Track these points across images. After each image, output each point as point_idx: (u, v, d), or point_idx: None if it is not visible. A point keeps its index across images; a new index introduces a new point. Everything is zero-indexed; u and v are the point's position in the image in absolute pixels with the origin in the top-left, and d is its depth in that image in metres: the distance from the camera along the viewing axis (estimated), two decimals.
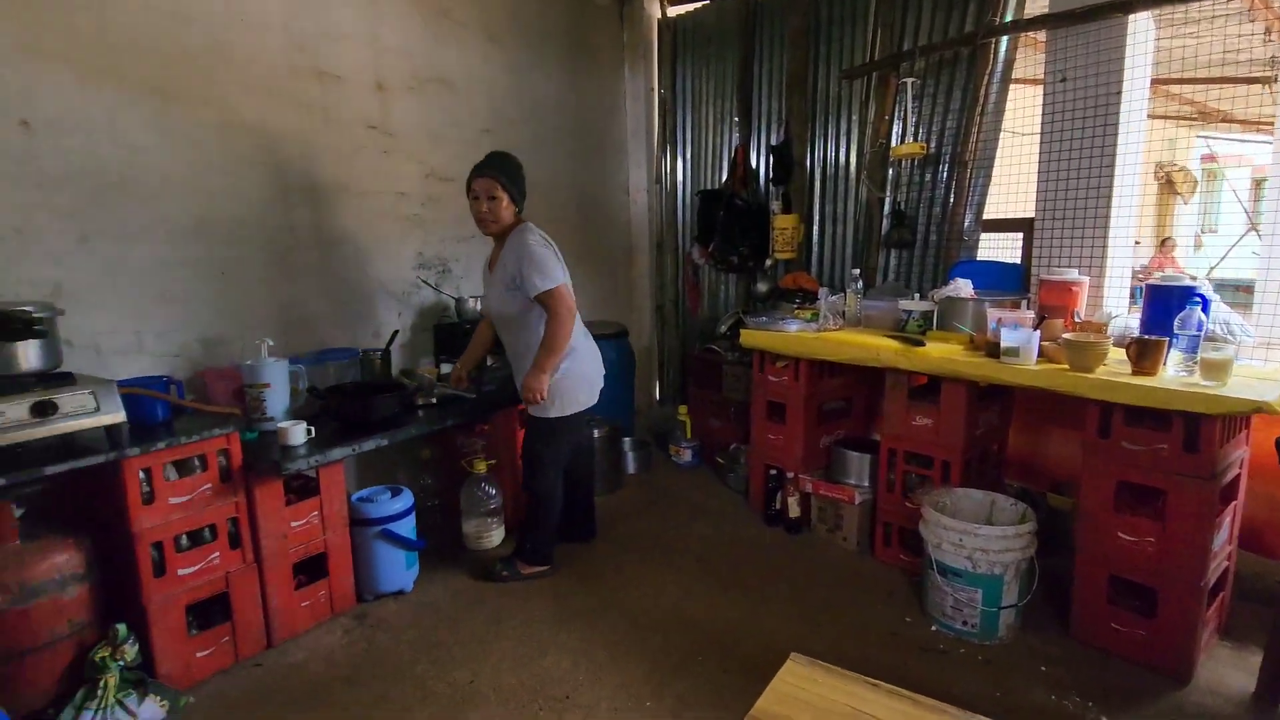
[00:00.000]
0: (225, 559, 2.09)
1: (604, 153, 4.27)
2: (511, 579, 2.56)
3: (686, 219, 4.23)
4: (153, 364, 2.35)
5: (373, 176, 2.98)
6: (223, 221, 2.50)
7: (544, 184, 3.80)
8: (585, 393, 2.45)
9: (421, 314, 3.23)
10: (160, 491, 1.95)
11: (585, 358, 2.45)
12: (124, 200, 2.25)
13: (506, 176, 2.34)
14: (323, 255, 2.82)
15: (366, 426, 2.36)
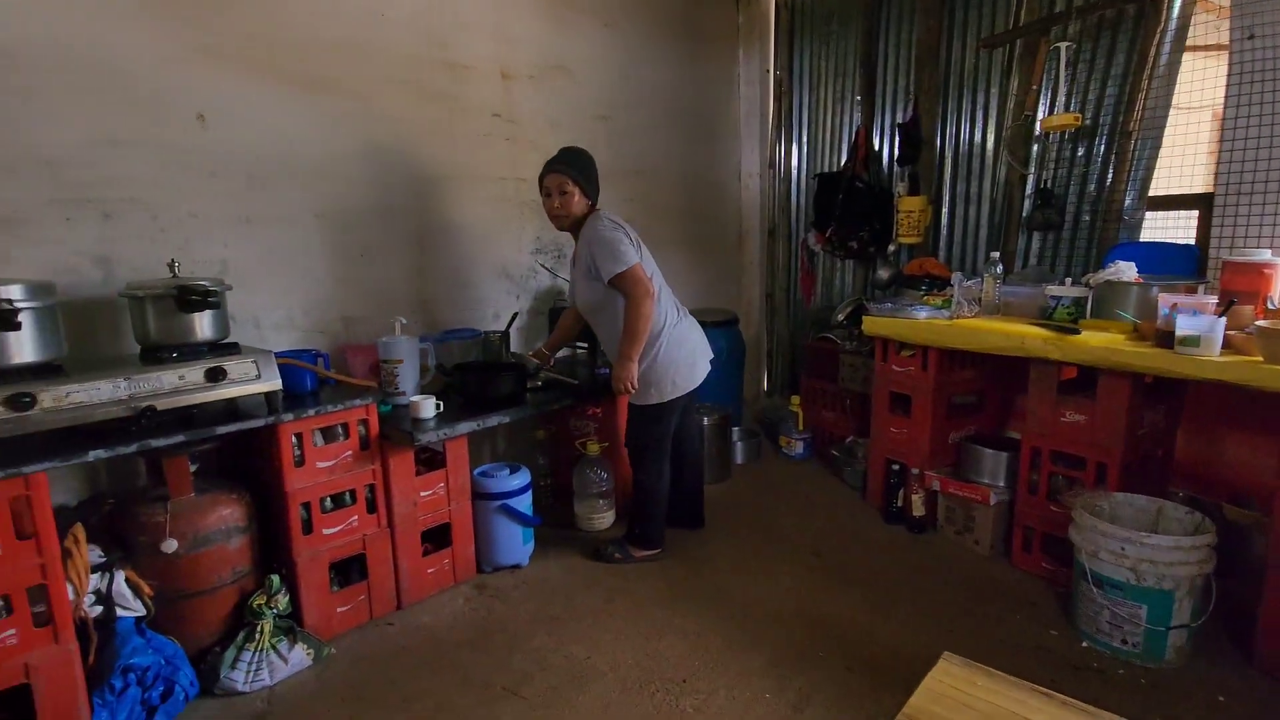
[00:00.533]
0: (363, 522, 2.22)
1: (716, 137, 4.22)
2: (624, 561, 2.58)
3: (801, 204, 4.15)
4: (302, 338, 2.53)
5: (496, 163, 3.07)
6: (362, 206, 2.65)
7: (655, 170, 3.79)
8: (683, 376, 2.41)
9: (537, 298, 3.31)
10: (309, 456, 2.09)
11: (680, 339, 2.41)
12: (279, 186, 2.43)
13: (576, 170, 2.35)
14: (449, 239, 2.94)
15: (489, 403, 2.43)
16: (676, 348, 2.40)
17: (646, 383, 2.39)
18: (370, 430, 2.20)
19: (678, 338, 2.42)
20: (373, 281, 2.70)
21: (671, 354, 2.39)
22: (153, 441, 1.79)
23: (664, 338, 2.38)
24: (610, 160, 3.54)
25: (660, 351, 2.38)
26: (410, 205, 2.79)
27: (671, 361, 2.39)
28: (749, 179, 4.37)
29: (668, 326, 2.39)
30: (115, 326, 2.13)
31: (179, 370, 1.86)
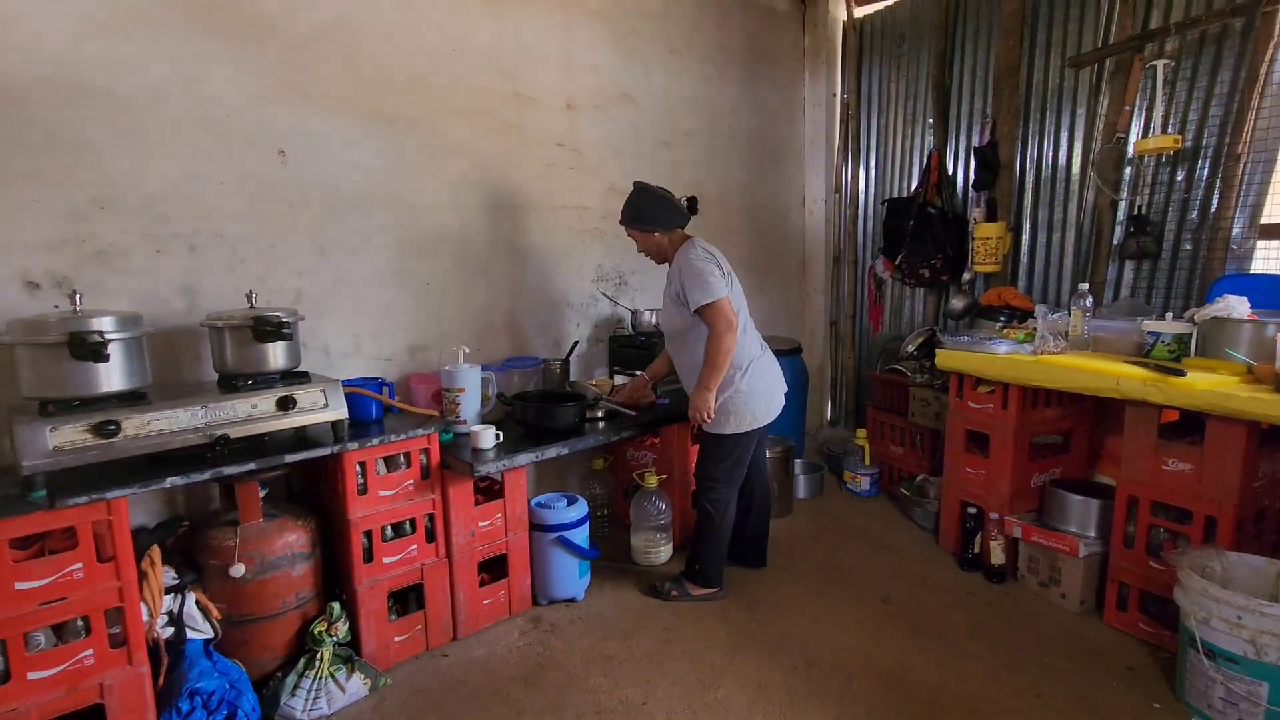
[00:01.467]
0: (421, 552, 2.22)
1: (780, 162, 4.18)
2: (681, 599, 2.53)
3: (869, 229, 4.08)
4: (367, 366, 2.58)
5: (560, 191, 3.10)
6: (428, 235, 2.70)
7: (717, 195, 3.77)
8: (761, 408, 2.39)
9: (597, 326, 3.31)
10: (372, 484, 2.11)
11: (761, 372, 2.41)
12: (351, 217, 2.50)
13: (629, 217, 2.43)
14: (512, 267, 2.97)
15: (549, 434, 2.42)
16: (759, 379, 2.39)
17: (725, 412, 2.38)
18: (431, 459, 2.21)
19: (760, 370, 2.41)
20: (437, 310, 2.74)
21: (754, 385, 2.38)
22: (225, 469, 1.84)
23: (749, 369, 2.36)
24: (672, 186, 3.52)
25: (743, 382, 2.36)
26: (475, 235, 2.83)
27: (753, 393, 2.38)
28: (814, 204, 4.31)
29: (752, 358, 2.38)
30: (197, 354, 2.21)
31: (252, 399, 1.91)
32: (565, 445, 2.36)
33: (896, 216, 3.61)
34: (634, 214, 2.44)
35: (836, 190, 4.18)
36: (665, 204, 2.43)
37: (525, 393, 2.62)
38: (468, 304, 2.83)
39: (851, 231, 4.13)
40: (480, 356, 2.86)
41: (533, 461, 2.29)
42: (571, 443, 2.38)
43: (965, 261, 3.41)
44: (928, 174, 3.56)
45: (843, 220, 4.17)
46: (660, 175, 3.49)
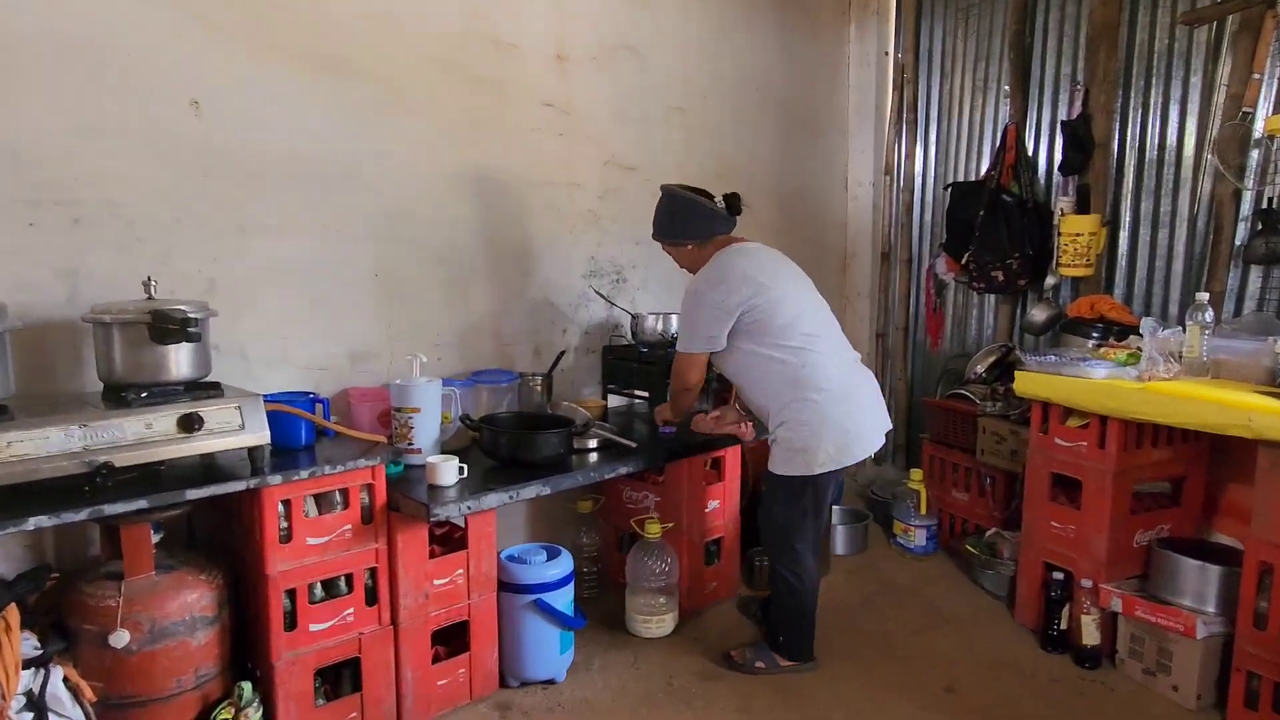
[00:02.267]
0: (360, 617, 2.15)
1: (819, 134, 4.17)
2: (768, 671, 2.53)
3: (928, 220, 4.09)
4: (297, 377, 2.51)
5: (546, 164, 3.06)
6: (379, 215, 2.65)
7: (740, 173, 3.75)
8: (843, 443, 2.36)
9: (588, 332, 3.27)
10: (299, 529, 2.04)
11: (846, 394, 2.39)
12: (283, 189, 2.44)
13: (661, 232, 2.57)
14: (484, 258, 2.93)
15: (525, 468, 2.38)
16: (838, 404, 2.36)
17: (791, 447, 2.37)
18: (375, 498, 2.16)
19: (843, 391, 2.39)
20: (387, 308, 2.69)
21: (830, 412, 2.34)
22: (107, 507, 1.76)
23: (822, 391, 2.35)
24: (684, 162, 3.51)
25: (813, 407, 2.34)
26: (438, 216, 2.79)
27: (828, 422, 2.34)
28: (858, 187, 4.31)
29: (825, 378, 2.36)
30: (77, 356, 2.14)
31: (146, 416, 1.84)
32: (546, 483, 2.32)
33: (963, 205, 3.59)
34: (662, 226, 2.56)
35: (887, 171, 4.17)
36: (695, 209, 2.49)
37: (496, 415, 2.59)
38: (426, 301, 2.78)
39: (905, 222, 4.12)
40: (441, 368, 2.81)
41: (505, 503, 2.25)
42: (554, 480, 2.34)
43: (1049, 262, 3.39)
44: (1002, 153, 3.53)
45: (895, 208, 4.16)
46: (672, 147, 3.47)
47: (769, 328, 2.35)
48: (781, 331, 2.35)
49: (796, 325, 2.37)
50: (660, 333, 3.10)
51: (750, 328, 2.36)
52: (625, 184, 3.31)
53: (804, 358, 2.36)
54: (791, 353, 2.35)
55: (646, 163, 3.38)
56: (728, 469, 2.97)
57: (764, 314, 2.34)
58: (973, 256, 3.50)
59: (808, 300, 2.45)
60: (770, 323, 2.35)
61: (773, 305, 2.35)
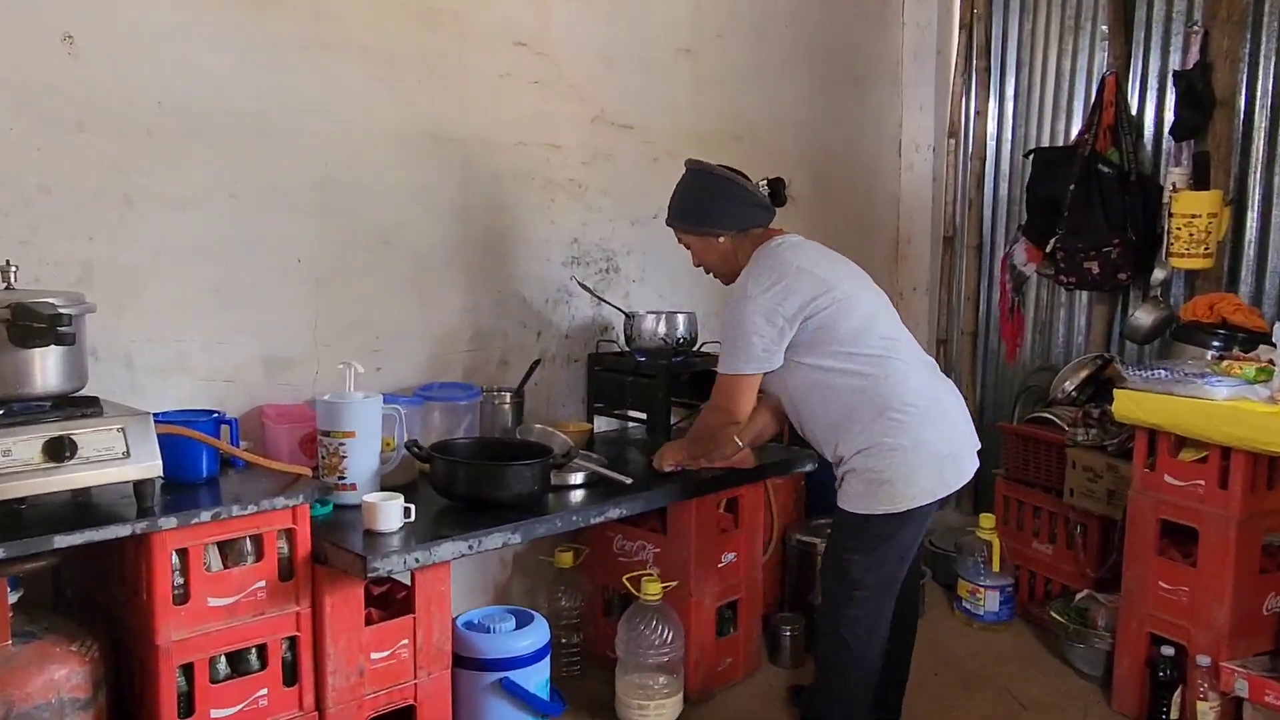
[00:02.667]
0: (275, 701, 2.13)
1: (865, 86, 4.18)
2: None
3: (1003, 196, 4.11)
4: (197, 391, 2.50)
5: (518, 119, 3.07)
6: (303, 184, 2.65)
7: (763, 134, 3.76)
8: (933, 469, 2.40)
9: (570, 336, 3.27)
10: (197, 587, 2.03)
11: (939, 414, 2.44)
12: (182, 150, 2.44)
13: (682, 216, 2.60)
14: (439, 240, 2.93)
15: (489, 509, 2.37)
16: (931, 421, 2.40)
17: (877, 478, 2.37)
18: (296, 547, 2.15)
19: (933, 404, 2.43)
20: (314, 302, 2.69)
21: (923, 432, 2.38)
22: None
23: (911, 406, 2.39)
24: (693, 120, 3.54)
25: (902, 427, 2.37)
26: (378, 185, 2.79)
27: (922, 444, 2.38)
28: (915, 154, 4.32)
29: (911, 390, 2.40)
30: None
31: (2, 441, 1.83)
32: (515, 529, 2.32)
33: (1048, 177, 3.61)
34: (687, 210, 2.57)
35: (952, 133, 4.19)
36: (734, 192, 2.52)
37: (453, 442, 2.59)
38: (364, 295, 2.79)
39: (975, 199, 4.12)
40: (382, 380, 2.81)
41: (462, 555, 2.25)
42: (525, 525, 2.34)
43: (1157, 251, 3.41)
44: (1099, 112, 3.56)
45: (962, 181, 4.17)
46: (676, 101, 3.49)
47: (836, 334, 2.38)
48: (854, 338, 2.38)
49: (872, 328, 2.41)
50: (662, 337, 3.10)
51: (814, 337, 2.39)
52: (618, 147, 3.31)
53: (885, 367, 2.39)
54: (869, 362, 2.38)
55: (645, 120, 3.38)
56: (746, 512, 2.98)
57: (831, 318, 2.38)
58: (1060, 243, 3.50)
59: (877, 298, 2.50)
60: (838, 328, 2.38)
61: (840, 306, 2.39)
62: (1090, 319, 3.75)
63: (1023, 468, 3.52)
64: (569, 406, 3.27)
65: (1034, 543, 3.48)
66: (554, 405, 3.22)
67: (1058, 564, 3.40)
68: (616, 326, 3.29)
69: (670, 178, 2.65)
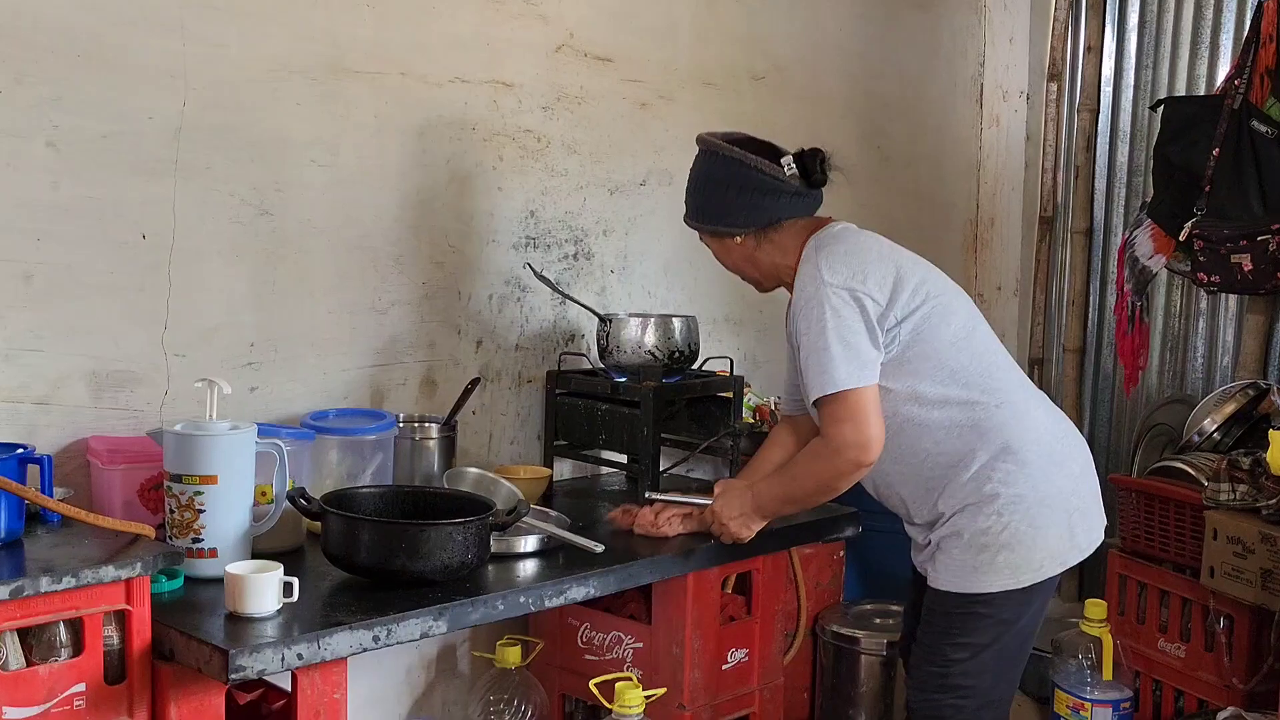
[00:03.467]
0: None
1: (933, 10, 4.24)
2: None
3: (1121, 163, 4.15)
4: None
5: (451, 46, 3.09)
6: (159, 130, 2.64)
7: (794, 73, 3.83)
8: (1058, 535, 2.46)
9: (522, 347, 3.30)
10: None
11: (1067, 455, 2.51)
12: None
13: (693, 213, 2.71)
14: (338, 210, 2.94)
15: (405, 586, 2.37)
16: (1059, 468, 2.48)
17: (979, 544, 2.43)
18: (132, 636, 2.12)
19: (1064, 450, 2.52)
20: (163, 293, 2.69)
21: (1051, 481, 2.46)
22: None
23: (1035, 447, 2.46)
24: (698, 49, 3.56)
25: (1025, 476, 2.43)
26: (257, 135, 2.80)
27: (1048, 498, 2.45)
28: (1003, 104, 4.39)
29: (1034, 427, 2.48)
30: None
31: None
32: (440, 614, 2.31)
33: (1184, 138, 3.62)
34: (695, 204, 2.70)
35: (1054, 77, 4.23)
36: (745, 179, 2.58)
37: (354, 492, 2.59)
38: (232, 286, 2.80)
39: (1084, 166, 4.17)
40: (257, 405, 2.83)
41: (366, 650, 2.24)
42: (455, 609, 2.33)
43: None
44: (1254, 50, 3.58)
45: (1066, 142, 4.21)
46: (675, 25, 3.51)
47: (937, 346, 2.44)
48: (955, 352, 2.44)
49: (975, 340, 2.50)
50: (650, 349, 3.11)
51: (906, 350, 2.44)
52: (592, 87, 3.33)
53: (999, 393, 2.46)
54: (978, 388, 2.44)
55: (630, 51, 3.41)
56: (762, 593, 2.98)
57: (930, 322, 2.43)
58: (1200, 228, 3.50)
59: (972, 304, 2.58)
60: (938, 337, 2.44)
61: (939, 307, 2.45)
62: (1240, 333, 3.78)
63: (1145, 537, 3.52)
64: (519, 445, 3.28)
65: (1160, 641, 3.47)
66: (498, 442, 3.24)
67: (1193, 670, 3.39)
68: (587, 334, 3.30)
69: (664, 131, 2.69)
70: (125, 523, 2.26)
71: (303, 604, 2.23)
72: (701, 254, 2.73)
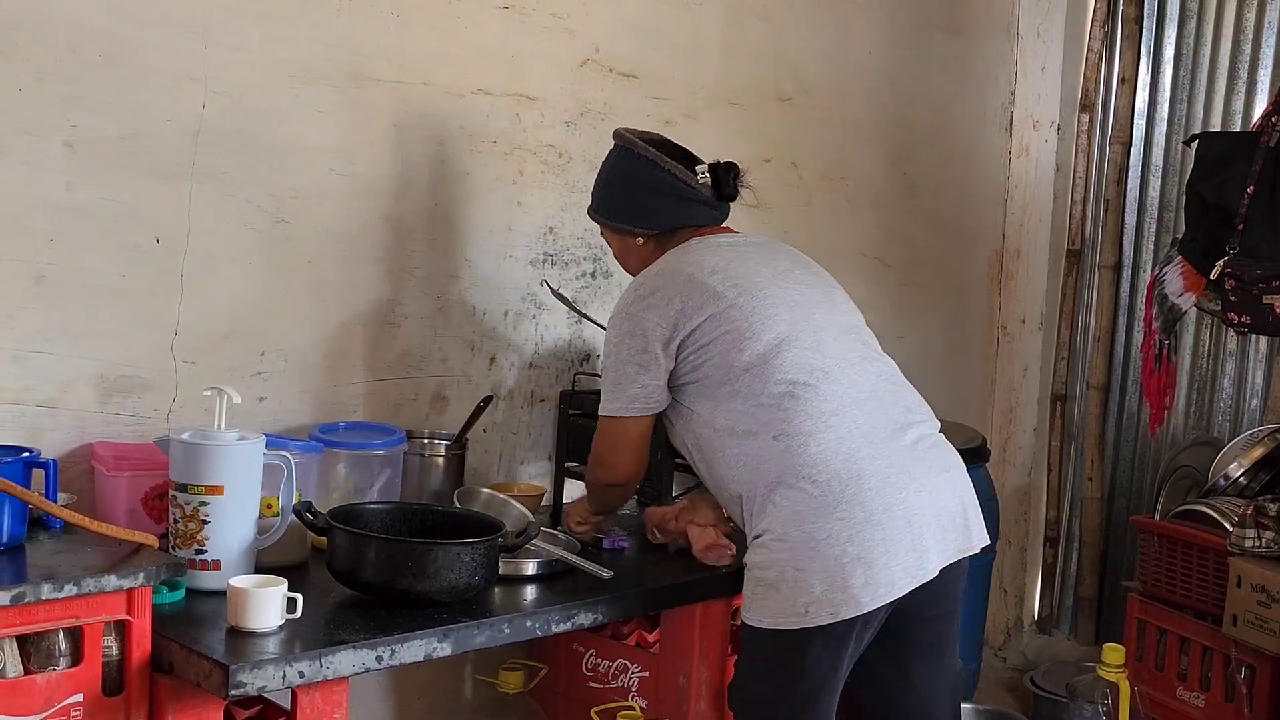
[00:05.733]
0: None
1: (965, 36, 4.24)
2: None
3: (1153, 197, 4.15)
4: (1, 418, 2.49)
5: (475, 58, 3.10)
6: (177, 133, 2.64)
7: (819, 93, 3.81)
8: (827, 583, 2.39)
9: (536, 366, 3.31)
10: None
11: (842, 493, 2.42)
12: None
13: (597, 206, 2.82)
14: (355, 220, 2.95)
15: (410, 605, 2.36)
16: (835, 511, 2.40)
17: (755, 577, 2.46)
18: (132, 648, 2.13)
19: (853, 490, 2.42)
20: (174, 299, 2.70)
21: (819, 525, 2.39)
22: None
23: (817, 480, 2.42)
24: (724, 68, 3.56)
25: (787, 514, 2.42)
26: (275, 141, 2.81)
27: (813, 542, 2.40)
28: (1033, 133, 4.38)
29: (821, 452, 2.43)
30: None
31: None
32: (445, 635, 2.31)
33: (1217, 173, 3.59)
34: (605, 199, 2.79)
35: (1086, 108, 4.24)
36: (654, 178, 2.65)
37: (361, 507, 2.59)
38: (245, 294, 2.81)
39: (1114, 199, 4.17)
40: (266, 415, 2.83)
41: (368, 670, 2.24)
42: (460, 631, 2.33)
43: None
44: None
45: (1096, 173, 4.21)
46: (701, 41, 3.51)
47: (730, 368, 2.45)
48: (750, 371, 2.44)
49: (782, 358, 2.45)
50: None
51: (700, 369, 2.49)
52: (616, 103, 3.34)
53: (787, 419, 2.43)
54: (762, 419, 2.43)
55: (655, 67, 3.42)
56: None
57: (720, 344, 2.46)
58: (1231, 267, 3.48)
59: (815, 319, 2.54)
60: (731, 359, 2.45)
61: (736, 329, 2.46)
62: (1269, 376, 3.77)
63: (1167, 582, 3.50)
64: (531, 464, 3.28)
65: (1179, 689, 3.45)
66: (509, 461, 3.24)
67: None
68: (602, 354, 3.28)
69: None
70: (129, 531, 2.27)
71: (305, 621, 2.22)
72: None
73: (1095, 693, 3.43)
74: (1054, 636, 4.22)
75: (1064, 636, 4.14)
